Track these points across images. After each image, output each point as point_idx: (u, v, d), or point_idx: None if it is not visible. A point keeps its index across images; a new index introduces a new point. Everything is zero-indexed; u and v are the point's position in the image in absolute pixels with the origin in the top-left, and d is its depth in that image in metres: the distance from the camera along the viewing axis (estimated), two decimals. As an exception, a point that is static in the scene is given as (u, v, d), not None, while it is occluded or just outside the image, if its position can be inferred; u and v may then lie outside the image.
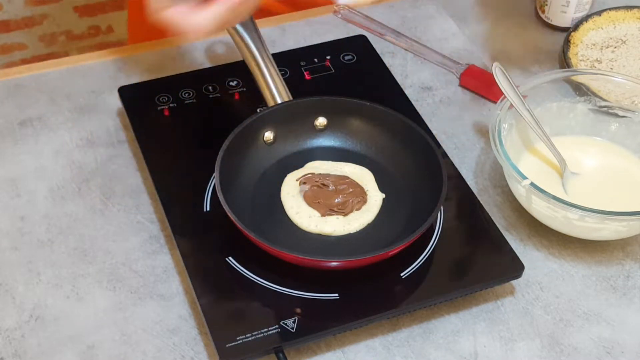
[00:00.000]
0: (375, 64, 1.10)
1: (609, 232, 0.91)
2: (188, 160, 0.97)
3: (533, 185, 0.90)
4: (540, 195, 0.89)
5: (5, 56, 2.33)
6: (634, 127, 1.00)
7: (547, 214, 0.92)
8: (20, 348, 0.84)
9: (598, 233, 0.91)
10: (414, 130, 0.95)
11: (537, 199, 0.91)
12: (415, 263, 0.88)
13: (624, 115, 1.01)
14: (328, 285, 0.86)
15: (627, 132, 1.00)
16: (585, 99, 1.01)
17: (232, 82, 1.06)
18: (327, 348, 0.85)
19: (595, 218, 0.88)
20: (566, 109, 1.01)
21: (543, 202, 0.90)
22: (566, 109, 1.01)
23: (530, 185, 0.90)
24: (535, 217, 0.94)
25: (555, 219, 0.92)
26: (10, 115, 1.05)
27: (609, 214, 0.88)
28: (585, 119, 1.01)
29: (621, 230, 0.90)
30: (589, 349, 0.86)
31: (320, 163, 0.97)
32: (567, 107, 1.01)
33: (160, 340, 0.85)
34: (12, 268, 0.90)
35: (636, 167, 0.99)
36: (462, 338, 0.87)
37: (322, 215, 0.91)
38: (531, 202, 0.92)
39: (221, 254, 0.88)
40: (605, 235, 0.92)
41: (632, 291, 0.91)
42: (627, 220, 0.89)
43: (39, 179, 0.98)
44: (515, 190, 0.94)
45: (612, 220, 0.89)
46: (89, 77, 1.10)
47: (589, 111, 1.01)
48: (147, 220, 0.95)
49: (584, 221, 0.89)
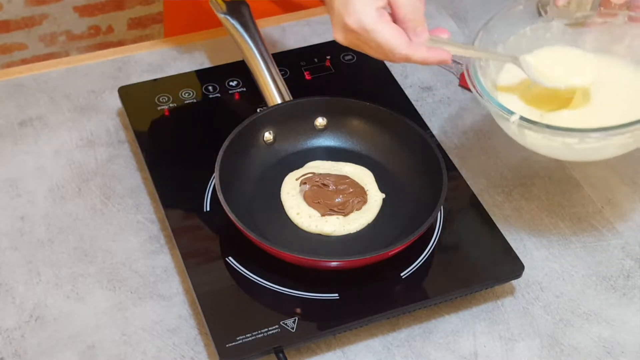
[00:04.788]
0: (375, 64, 1.10)
1: (615, 147, 0.86)
2: (188, 160, 0.97)
3: (523, 118, 0.85)
4: (533, 127, 0.85)
5: (5, 56, 2.33)
6: (618, 31, 0.94)
7: (545, 144, 0.87)
8: (20, 348, 0.84)
9: (604, 151, 0.87)
10: (414, 130, 0.95)
11: (530, 132, 0.86)
12: (415, 263, 0.88)
13: (604, 21, 0.95)
14: (328, 285, 0.86)
15: (611, 37, 0.95)
16: (559, 14, 0.96)
17: (232, 82, 1.06)
18: (327, 348, 0.85)
19: (596, 137, 0.83)
20: (541, 29, 0.96)
21: (537, 134, 0.85)
22: (541, 29, 0.96)
23: (520, 119, 0.85)
24: (535, 150, 0.90)
25: (554, 148, 0.87)
26: (10, 115, 1.05)
27: (609, 129, 0.82)
28: (563, 35, 0.96)
29: (627, 142, 0.85)
30: (589, 349, 0.86)
31: (320, 163, 0.97)
32: (541, 27, 0.96)
33: (160, 340, 0.85)
34: (12, 268, 0.90)
35: (628, 72, 0.93)
36: (462, 338, 0.87)
37: (322, 215, 0.91)
38: (525, 137, 0.87)
39: (221, 254, 0.88)
40: (611, 152, 0.87)
41: (632, 291, 0.91)
42: (631, 131, 0.83)
43: (39, 179, 0.98)
44: (508, 130, 0.89)
45: (614, 135, 0.83)
46: (89, 77, 1.10)
47: (565, 27, 0.96)
48: (147, 220, 0.95)
49: (585, 143, 0.84)
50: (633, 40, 0.95)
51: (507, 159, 1.02)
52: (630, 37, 0.95)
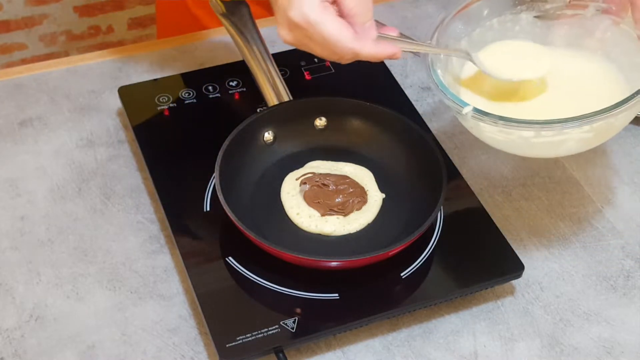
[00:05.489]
0: (375, 64, 1.10)
1: (574, 142, 0.82)
2: (188, 160, 0.97)
3: (476, 110, 0.82)
4: (486, 120, 0.82)
5: (5, 56, 2.33)
6: (588, 24, 0.92)
7: (502, 138, 0.84)
8: (20, 348, 0.84)
9: (563, 147, 0.83)
10: (414, 130, 0.95)
11: (486, 125, 0.83)
12: (415, 263, 0.88)
13: (575, 13, 0.92)
14: (328, 285, 0.86)
15: (582, 31, 0.92)
16: (528, 6, 0.93)
17: (232, 82, 1.06)
18: (327, 348, 0.85)
19: (553, 130, 0.80)
20: (509, 22, 0.94)
21: (492, 126, 0.82)
22: (509, 22, 0.94)
23: (474, 111, 0.82)
24: (495, 146, 0.87)
25: (512, 143, 0.84)
26: (10, 115, 1.05)
27: (565, 121, 0.79)
28: (533, 28, 0.93)
29: (587, 137, 0.82)
30: (589, 349, 0.86)
31: (320, 163, 0.97)
32: (509, 19, 0.93)
33: (160, 340, 0.85)
34: (12, 268, 0.90)
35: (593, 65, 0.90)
36: (462, 338, 0.87)
37: (322, 215, 0.91)
38: (482, 131, 0.84)
39: (221, 254, 0.88)
40: (571, 147, 0.83)
41: (632, 291, 0.91)
42: (588, 123, 0.79)
43: (39, 179, 0.98)
44: (465, 124, 0.86)
45: (571, 127, 0.79)
46: (89, 77, 1.10)
47: (535, 19, 0.93)
48: (147, 220, 0.95)
49: (542, 136, 0.81)
50: (604, 33, 0.92)
51: (507, 159, 1.02)
52: (601, 30, 0.92)
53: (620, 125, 0.84)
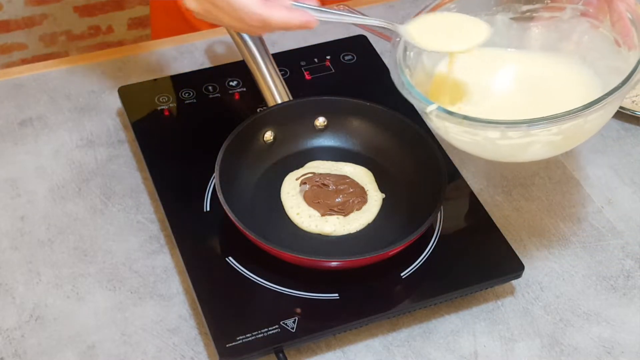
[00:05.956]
0: (375, 64, 1.10)
1: (542, 145, 0.80)
2: (188, 160, 0.97)
3: (441, 109, 0.79)
4: (450, 119, 0.78)
5: (5, 56, 2.33)
6: (565, 26, 0.89)
7: (468, 140, 0.81)
8: (20, 348, 0.84)
9: (530, 150, 0.80)
10: (413, 130, 0.95)
11: (450, 125, 0.79)
12: (415, 263, 0.88)
13: (552, 15, 0.90)
14: (328, 285, 0.86)
15: (559, 33, 0.89)
16: (504, 8, 0.90)
17: (232, 82, 1.06)
18: (327, 348, 0.85)
19: (519, 130, 0.77)
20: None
21: (456, 126, 0.79)
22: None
23: (439, 110, 0.79)
24: (462, 148, 0.84)
25: (478, 145, 0.81)
26: (10, 115, 1.05)
27: (531, 121, 0.76)
28: (508, 30, 0.90)
29: (555, 140, 0.79)
30: (589, 349, 0.86)
31: (320, 163, 0.97)
32: (484, 20, 0.88)
33: (160, 340, 0.85)
34: (12, 268, 0.90)
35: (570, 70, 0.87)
36: (462, 338, 0.87)
37: (322, 215, 0.91)
38: (448, 131, 0.81)
39: (221, 254, 0.88)
40: (539, 151, 0.81)
41: (632, 291, 0.91)
42: (556, 124, 0.76)
43: (39, 179, 0.98)
44: (431, 124, 0.83)
45: (537, 128, 0.76)
46: (89, 77, 1.10)
47: (510, 21, 0.90)
48: (147, 220, 0.95)
49: (508, 138, 0.78)
50: (581, 36, 0.89)
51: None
52: (578, 33, 0.89)
53: (591, 129, 0.82)
